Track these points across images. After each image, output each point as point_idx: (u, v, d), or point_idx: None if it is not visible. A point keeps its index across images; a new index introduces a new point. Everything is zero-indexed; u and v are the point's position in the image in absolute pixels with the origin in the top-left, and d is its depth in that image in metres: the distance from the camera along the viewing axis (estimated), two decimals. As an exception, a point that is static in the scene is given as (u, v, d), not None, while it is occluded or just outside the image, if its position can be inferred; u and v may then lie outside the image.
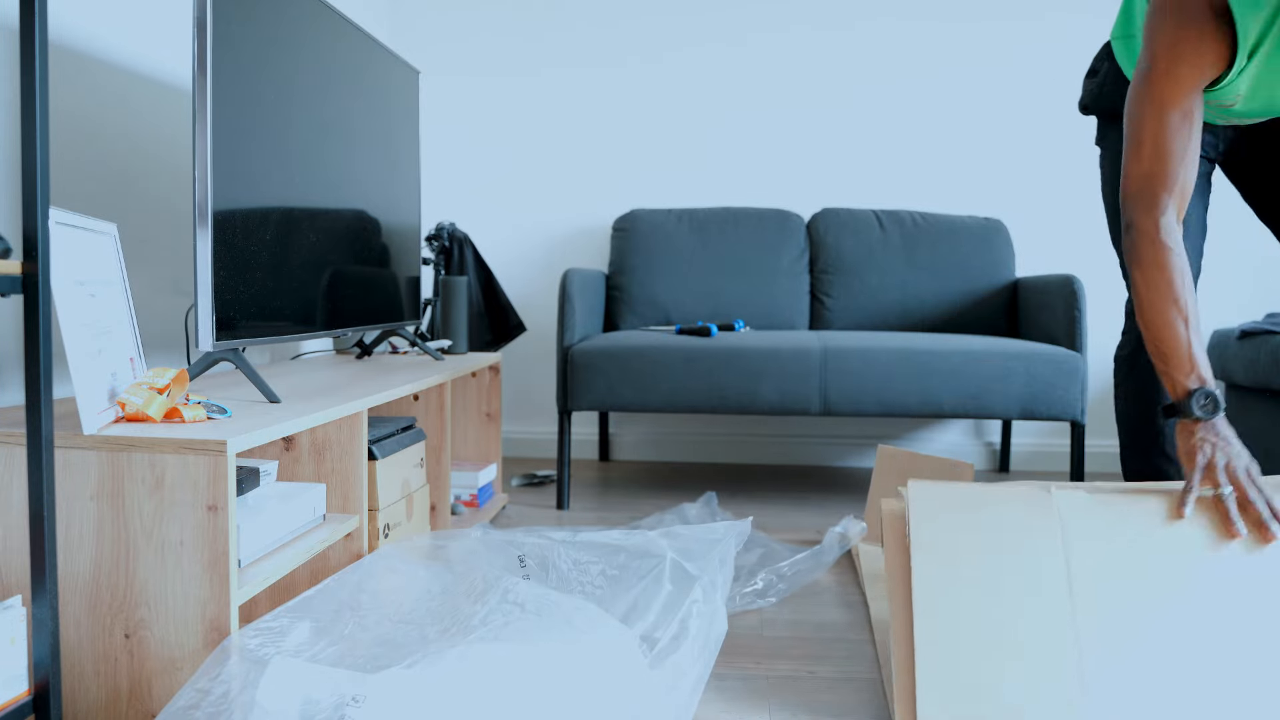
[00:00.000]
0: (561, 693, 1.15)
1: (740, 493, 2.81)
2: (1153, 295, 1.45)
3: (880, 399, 2.45)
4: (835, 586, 1.92)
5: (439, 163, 3.39)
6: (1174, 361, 1.43)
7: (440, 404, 2.10)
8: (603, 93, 3.33)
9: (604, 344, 2.54)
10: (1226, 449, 1.37)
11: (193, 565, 1.22)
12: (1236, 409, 2.83)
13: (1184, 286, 1.43)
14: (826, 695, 1.40)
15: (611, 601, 1.42)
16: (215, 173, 1.50)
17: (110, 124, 1.88)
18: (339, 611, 1.33)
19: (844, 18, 3.26)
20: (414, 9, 3.38)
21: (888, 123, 3.27)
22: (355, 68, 2.08)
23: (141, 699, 1.24)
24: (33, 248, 1.07)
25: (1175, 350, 1.43)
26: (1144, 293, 1.46)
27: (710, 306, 3.04)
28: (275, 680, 1.07)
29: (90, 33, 1.83)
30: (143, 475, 1.22)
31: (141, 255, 1.97)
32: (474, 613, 1.32)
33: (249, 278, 1.62)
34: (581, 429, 3.41)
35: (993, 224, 3.08)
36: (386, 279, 2.29)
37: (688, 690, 1.29)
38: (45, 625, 1.08)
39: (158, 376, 1.35)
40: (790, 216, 3.13)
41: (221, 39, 1.51)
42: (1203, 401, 1.40)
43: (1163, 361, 1.45)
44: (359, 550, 1.62)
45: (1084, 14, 3.18)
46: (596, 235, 3.36)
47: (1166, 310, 1.44)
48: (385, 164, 2.28)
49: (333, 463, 1.62)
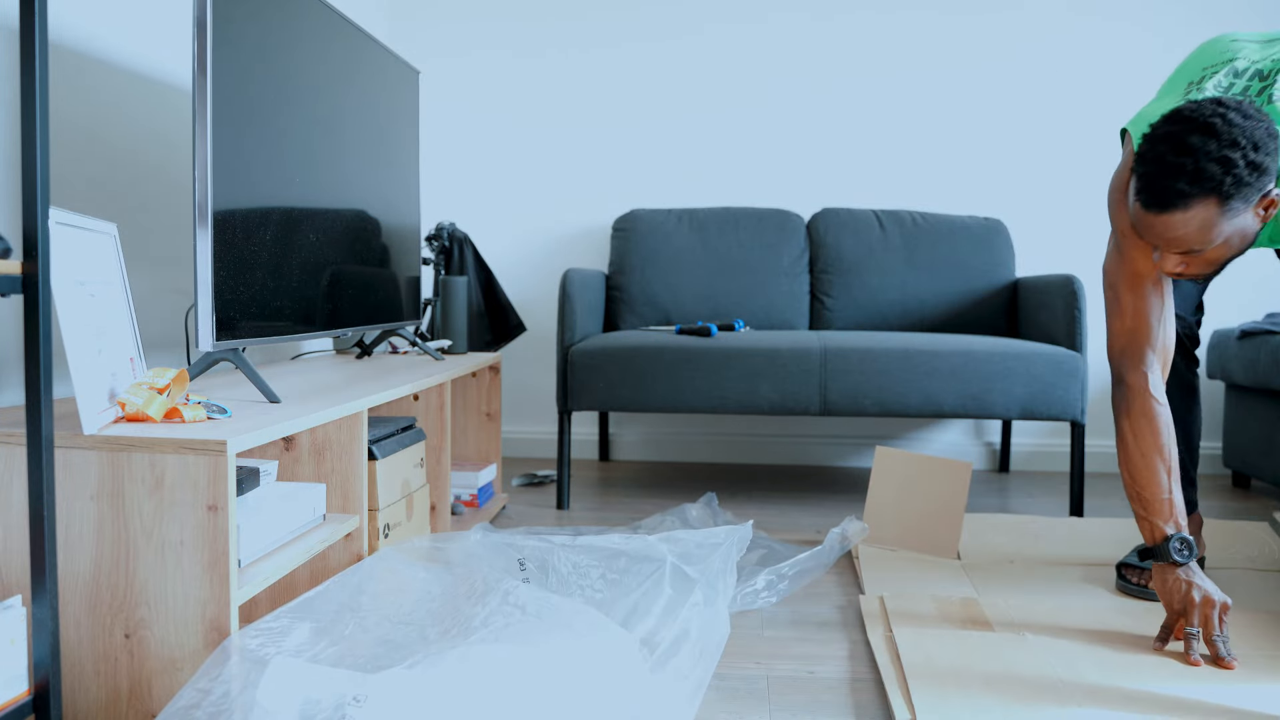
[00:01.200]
0: (562, 695, 1.15)
1: (740, 493, 2.81)
2: (1140, 445, 1.59)
3: (880, 399, 2.45)
4: (836, 586, 1.92)
5: (439, 163, 3.39)
6: (1154, 508, 1.57)
7: (440, 404, 2.10)
8: (602, 93, 3.33)
9: (604, 344, 2.54)
10: (1201, 591, 1.51)
11: (193, 565, 1.22)
12: (1237, 409, 2.83)
13: (1168, 437, 1.57)
14: (826, 695, 1.40)
15: (612, 605, 1.42)
16: (215, 173, 1.50)
17: (110, 124, 1.88)
18: (339, 612, 1.33)
19: (844, 17, 3.26)
20: (414, 9, 3.38)
21: (888, 122, 3.27)
22: (355, 68, 2.08)
23: (141, 699, 1.24)
24: (33, 248, 1.07)
25: (1156, 497, 1.57)
26: (1130, 442, 1.60)
27: (710, 306, 3.04)
28: (276, 680, 1.07)
29: (90, 33, 1.83)
30: (143, 475, 1.22)
31: (141, 255, 1.97)
32: (474, 615, 1.32)
33: (249, 278, 1.62)
34: (581, 429, 3.41)
35: (993, 224, 3.08)
36: (386, 279, 2.29)
37: (688, 694, 1.28)
38: (45, 625, 1.08)
39: (158, 376, 1.35)
40: (790, 216, 3.13)
41: (221, 39, 1.51)
42: (1178, 546, 1.54)
43: (1142, 507, 1.59)
44: (359, 550, 1.62)
45: (1088, 15, 3.18)
46: (596, 235, 3.36)
47: (1152, 460, 1.58)
48: (385, 164, 2.28)
49: (333, 463, 1.62)
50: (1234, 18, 3.13)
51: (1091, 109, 3.19)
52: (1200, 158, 1.36)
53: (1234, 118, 1.37)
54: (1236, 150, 1.35)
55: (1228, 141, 1.35)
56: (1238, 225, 1.41)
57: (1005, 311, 3.01)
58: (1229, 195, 1.36)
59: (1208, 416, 3.20)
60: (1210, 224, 1.39)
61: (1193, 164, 1.36)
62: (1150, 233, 1.45)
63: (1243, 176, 1.36)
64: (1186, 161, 1.37)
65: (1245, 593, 1.84)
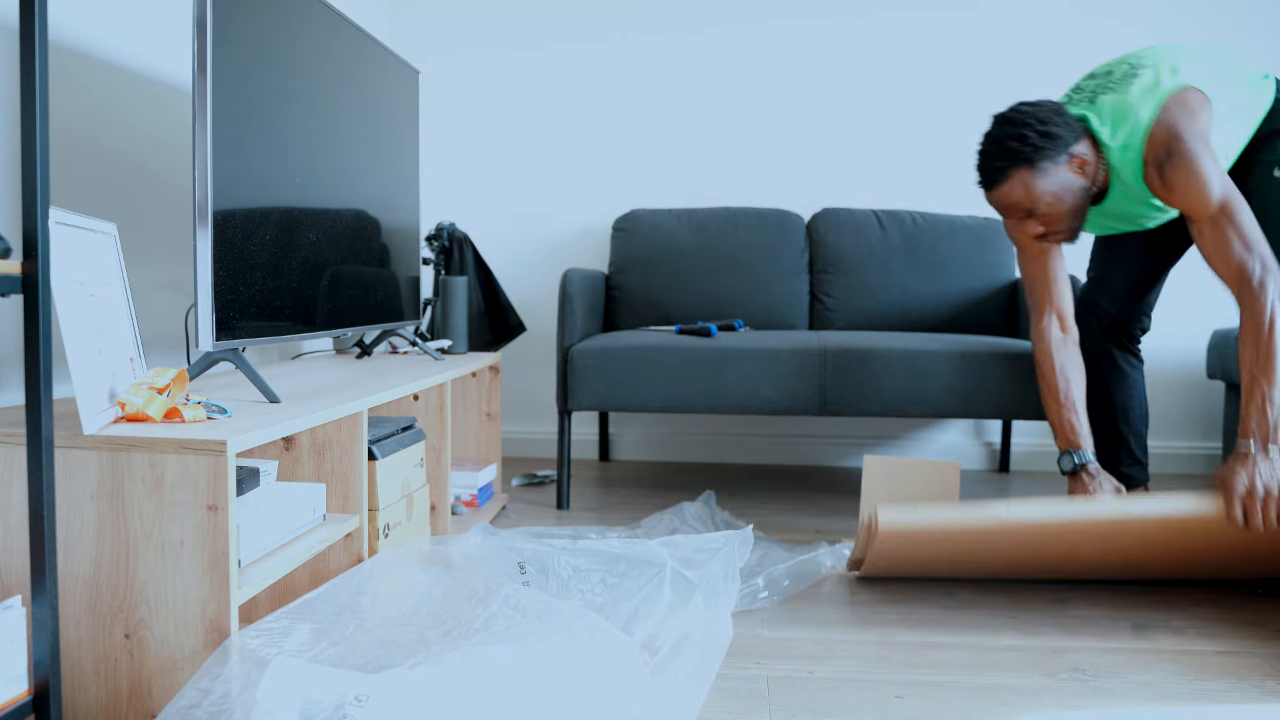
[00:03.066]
0: (563, 698, 1.15)
1: (740, 492, 2.81)
2: (1043, 384, 2.01)
3: (880, 399, 2.45)
4: (836, 587, 1.91)
5: (439, 163, 3.39)
6: (1055, 432, 2.00)
7: (440, 404, 2.10)
8: (603, 93, 3.33)
9: (604, 344, 2.54)
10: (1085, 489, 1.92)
11: (193, 565, 1.22)
12: (1237, 409, 2.83)
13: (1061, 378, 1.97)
14: (826, 695, 1.40)
15: (612, 609, 1.42)
16: (215, 173, 1.50)
17: (110, 124, 1.88)
18: (340, 614, 1.33)
19: (843, 17, 3.26)
20: (414, 9, 3.38)
21: (888, 122, 3.27)
22: (355, 68, 2.08)
23: (141, 699, 1.24)
24: (33, 248, 1.07)
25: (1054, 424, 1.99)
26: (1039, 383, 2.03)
27: (710, 306, 3.04)
28: (276, 680, 1.07)
29: (90, 33, 1.83)
30: (143, 475, 1.22)
31: (141, 255, 1.97)
32: (475, 617, 1.32)
33: (249, 277, 1.62)
34: (581, 429, 3.41)
35: (993, 224, 3.08)
36: (386, 279, 2.29)
37: (688, 698, 1.28)
38: (45, 625, 1.08)
39: (158, 376, 1.35)
40: (790, 216, 3.13)
41: (221, 39, 1.51)
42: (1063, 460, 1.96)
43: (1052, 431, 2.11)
44: (359, 550, 1.62)
45: (1089, 14, 3.18)
46: (596, 235, 3.36)
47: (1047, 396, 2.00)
48: (385, 164, 2.28)
49: (333, 463, 1.62)
50: (1235, 16, 3.14)
51: (1091, 109, 3.19)
52: (1004, 140, 1.81)
53: (1025, 107, 1.84)
54: (1026, 127, 1.80)
55: (1020, 123, 1.81)
56: (1058, 182, 1.83)
57: (1005, 311, 3.01)
58: (1032, 159, 1.79)
59: (1208, 416, 3.20)
60: (1030, 185, 1.81)
61: (999, 146, 1.82)
62: (998, 208, 1.88)
63: (1037, 143, 1.79)
64: (995, 145, 1.82)
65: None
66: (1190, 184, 1.79)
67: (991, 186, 1.85)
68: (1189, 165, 1.79)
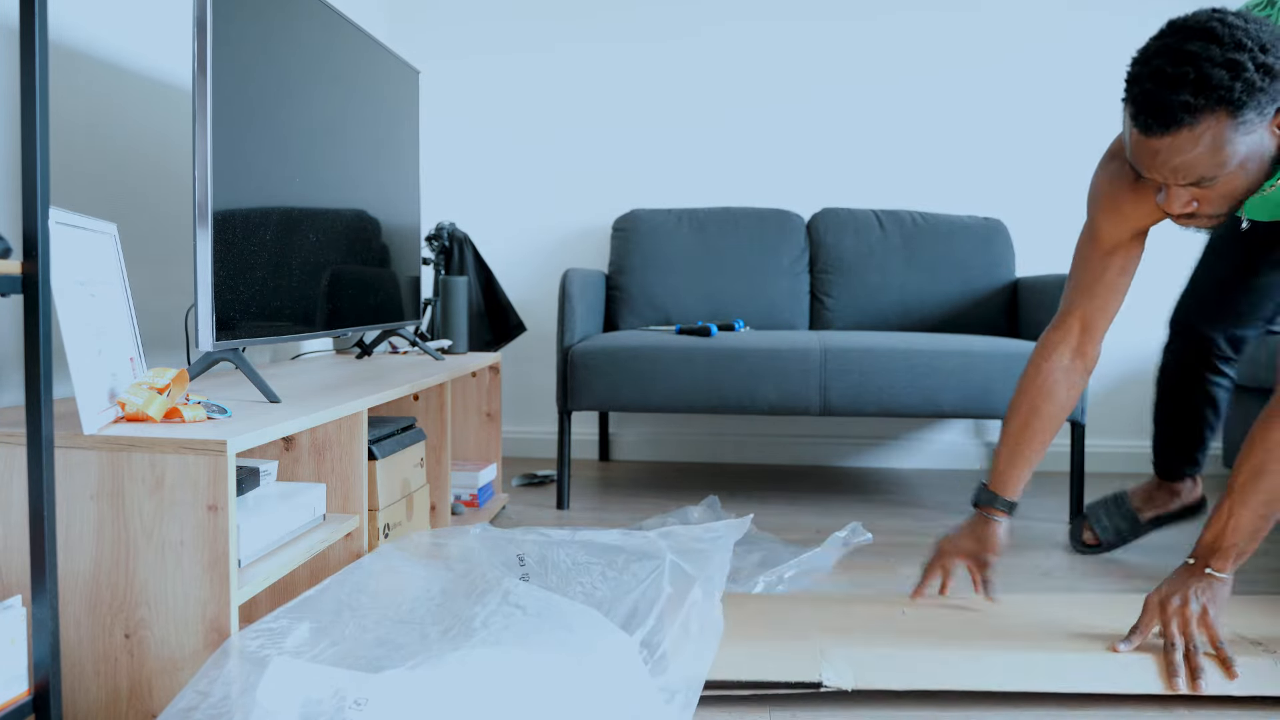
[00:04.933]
0: (563, 699, 1.15)
1: (740, 493, 2.81)
2: (1016, 393, 1.65)
3: (880, 399, 2.45)
4: (836, 588, 1.91)
5: (439, 162, 3.39)
6: (995, 458, 1.68)
7: (440, 404, 2.10)
8: (603, 93, 3.33)
9: (604, 344, 2.54)
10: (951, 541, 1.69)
11: (193, 565, 1.22)
12: (1237, 409, 2.83)
13: (1029, 406, 1.60)
14: (826, 695, 1.39)
15: (612, 605, 1.42)
16: (215, 173, 1.50)
17: (110, 124, 1.88)
18: (339, 612, 1.33)
19: (843, 16, 3.26)
20: (414, 9, 3.38)
21: (888, 122, 3.27)
22: (355, 67, 2.08)
23: (141, 699, 1.24)
24: (33, 248, 1.07)
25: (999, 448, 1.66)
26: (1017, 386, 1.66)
27: (710, 306, 3.04)
28: (276, 681, 1.07)
29: (90, 33, 1.83)
30: (143, 475, 1.22)
31: (141, 255, 1.97)
32: (475, 614, 1.31)
33: (249, 278, 1.62)
34: (581, 429, 3.40)
35: (993, 224, 3.08)
36: (386, 279, 2.29)
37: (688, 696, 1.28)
38: (45, 625, 1.08)
39: (158, 376, 1.35)
40: (790, 216, 3.13)
41: (221, 39, 1.51)
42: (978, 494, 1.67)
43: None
44: (359, 550, 1.62)
45: (1089, 10, 3.18)
46: (596, 235, 3.36)
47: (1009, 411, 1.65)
48: (385, 164, 2.28)
49: (333, 463, 1.62)
50: (1234, 18, 3.13)
51: (1092, 108, 3.18)
52: (1203, 64, 1.17)
53: (1234, 20, 1.20)
54: (1243, 52, 1.17)
55: (1231, 44, 1.17)
56: (1253, 145, 1.22)
57: (1005, 311, 3.01)
58: (1240, 104, 1.18)
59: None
60: (1222, 142, 1.20)
61: (1195, 72, 1.18)
62: (1153, 164, 1.26)
63: (1254, 80, 1.17)
64: (1189, 70, 1.18)
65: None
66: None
67: (1165, 130, 1.21)
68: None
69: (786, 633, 1.49)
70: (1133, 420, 3.20)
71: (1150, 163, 1.26)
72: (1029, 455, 1.61)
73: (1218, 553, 1.39)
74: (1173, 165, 1.24)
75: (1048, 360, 1.60)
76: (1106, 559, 2.14)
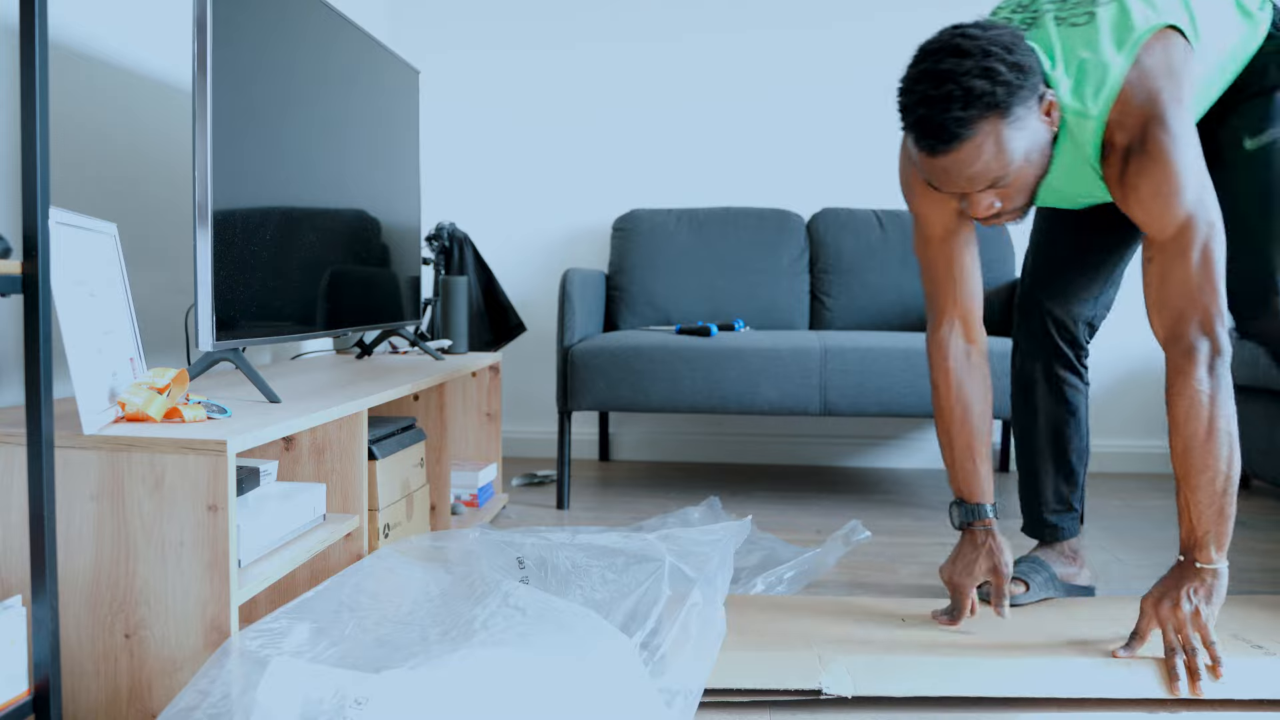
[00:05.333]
0: (563, 700, 1.15)
1: (740, 493, 2.81)
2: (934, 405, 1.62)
3: (880, 399, 2.45)
4: (836, 588, 1.91)
5: (439, 163, 3.39)
6: (948, 473, 1.62)
7: (440, 404, 2.10)
8: (603, 93, 3.33)
9: (604, 344, 2.54)
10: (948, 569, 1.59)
11: (193, 565, 1.22)
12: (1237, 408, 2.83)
13: (956, 397, 1.57)
14: (826, 700, 1.39)
15: (611, 607, 1.42)
16: (215, 173, 1.50)
17: (110, 124, 1.88)
18: (339, 612, 1.33)
19: (842, 17, 3.26)
20: (414, 9, 3.38)
21: (888, 122, 3.25)
22: (355, 68, 2.08)
23: (141, 699, 1.24)
24: (33, 248, 1.07)
25: (949, 463, 1.61)
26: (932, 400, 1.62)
27: (710, 306, 3.04)
28: (276, 681, 1.07)
29: (90, 33, 1.83)
30: (143, 475, 1.22)
31: (141, 255, 1.96)
32: (475, 616, 1.31)
33: (249, 278, 1.62)
34: (581, 429, 3.40)
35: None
36: (386, 279, 2.29)
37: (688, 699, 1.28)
38: (45, 625, 1.08)
39: (158, 376, 1.35)
40: (790, 216, 3.13)
41: (221, 39, 1.51)
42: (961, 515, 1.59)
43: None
44: (359, 550, 1.62)
45: (1084, 14, 3.18)
46: (596, 235, 3.36)
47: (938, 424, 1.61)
48: (385, 163, 2.28)
49: (333, 463, 1.62)
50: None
51: (1091, 109, 3.18)
52: (961, 78, 1.23)
53: (974, 32, 1.27)
54: (992, 58, 1.23)
55: (980, 53, 1.24)
56: (1030, 137, 1.29)
57: (1005, 311, 3.01)
58: (1007, 104, 1.24)
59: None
60: (1003, 142, 1.26)
61: (957, 88, 1.22)
62: (948, 179, 1.30)
63: (1011, 80, 1.24)
64: (951, 87, 1.23)
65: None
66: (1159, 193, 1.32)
67: (948, 147, 1.26)
68: (1164, 166, 1.31)
69: (786, 639, 1.49)
70: (1133, 420, 3.20)
71: (944, 179, 1.31)
72: (984, 453, 1.59)
73: (1195, 544, 1.37)
74: (966, 175, 1.29)
75: (947, 360, 1.58)
76: (1106, 559, 2.14)
